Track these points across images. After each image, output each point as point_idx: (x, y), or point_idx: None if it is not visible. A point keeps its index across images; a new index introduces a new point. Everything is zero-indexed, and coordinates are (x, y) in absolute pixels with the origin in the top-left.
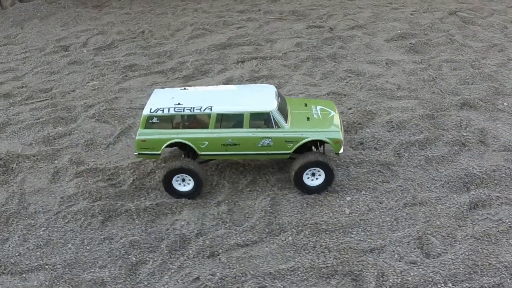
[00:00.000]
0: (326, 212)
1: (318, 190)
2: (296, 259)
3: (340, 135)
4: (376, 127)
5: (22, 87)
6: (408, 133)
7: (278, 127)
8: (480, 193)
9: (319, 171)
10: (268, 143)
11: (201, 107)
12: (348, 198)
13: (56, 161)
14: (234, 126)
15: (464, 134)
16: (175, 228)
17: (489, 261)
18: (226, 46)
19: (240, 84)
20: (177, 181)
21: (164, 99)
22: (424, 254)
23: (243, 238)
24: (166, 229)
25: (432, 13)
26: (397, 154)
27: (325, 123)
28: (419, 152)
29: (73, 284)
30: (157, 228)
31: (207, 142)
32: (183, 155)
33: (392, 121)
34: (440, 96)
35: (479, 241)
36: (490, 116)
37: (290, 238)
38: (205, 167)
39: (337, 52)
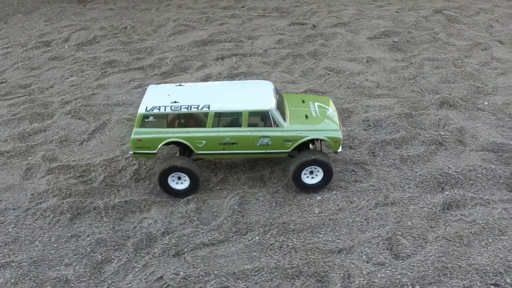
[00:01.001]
0: (295, 211)
1: (316, 188)
2: (261, 259)
3: (339, 134)
4: (352, 125)
5: (2, 82)
6: (385, 131)
7: (277, 126)
8: (455, 193)
9: (317, 169)
10: (266, 142)
11: (198, 106)
12: (319, 198)
13: (29, 158)
14: (232, 125)
15: (442, 133)
16: (142, 227)
17: (460, 264)
18: (207, 42)
19: (218, 80)
20: (172, 179)
21: (159, 97)
22: (393, 256)
23: (210, 237)
24: (134, 227)
25: (417, 11)
26: (372, 153)
27: (324, 121)
28: (395, 151)
29: (38, 282)
30: (125, 226)
31: (204, 141)
32: (178, 153)
33: (368, 120)
34: (419, 94)
35: (451, 242)
36: (470, 115)
37: (257, 237)
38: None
39: (318, 49)
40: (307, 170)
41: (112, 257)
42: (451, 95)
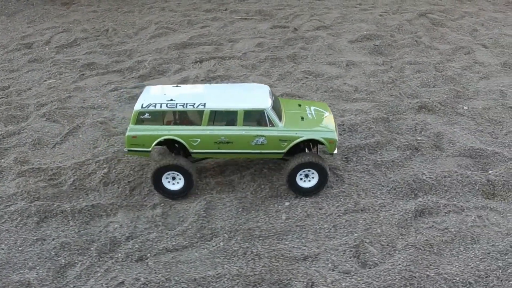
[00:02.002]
0: (262, 217)
1: (311, 191)
2: (225, 265)
3: (335, 135)
4: None
5: None
6: (359, 136)
7: (272, 125)
8: (428, 200)
9: (312, 172)
10: (261, 142)
11: (194, 104)
12: (287, 203)
13: (2, 160)
14: (228, 124)
15: (419, 138)
16: (108, 231)
17: (428, 273)
18: (187, 45)
19: (195, 83)
20: (167, 179)
21: (156, 95)
22: (359, 264)
23: (173, 243)
24: (99, 231)
25: (402, 15)
26: (345, 158)
27: (320, 123)
28: (368, 156)
29: (0, 285)
30: (90, 230)
31: (199, 140)
32: (173, 154)
33: (343, 124)
34: (398, 98)
35: (420, 251)
36: (449, 120)
37: (221, 243)
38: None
39: (298, 52)
40: (302, 173)
41: (76, 261)
42: (430, 99)
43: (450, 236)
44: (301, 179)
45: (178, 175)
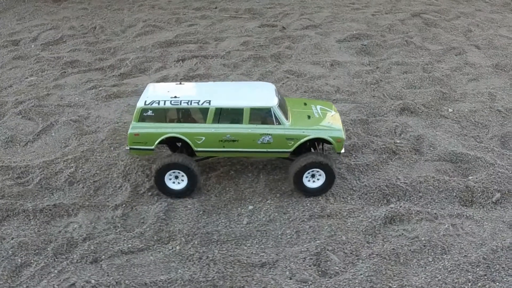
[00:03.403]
0: (223, 221)
1: (318, 192)
2: (178, 270)
3: (343, 134)
4: None
5: None
6: None
7: (279, 123)
8: (400, 206)
9: (319, 172)
10: (268, 140)
11: (199, 101)
12: (251, 207)
13: None
14: (233, 122)
15: (398, 141)
16: (67, 231)
17: (390, 284)
18: (172, 43)
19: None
20: (170, 178)
21: (159, 92)
22: (319, 273)
23: (129, 245)
24: (58, 231)
25: (395, 14)
26: None
27: (327, 121)
28: (342, 159)
29: None
30: (50, 230)
31: (204, 138)
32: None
33: None
34: (380, 100)
35: (385, 260)
36: (431, 123)
37: (177, 247)
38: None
39: (283, 52)
40: (308, 173)
41: (32, 261)
42: (414, 101)
43: (419, 246)
44: (307, 179)
45: (181, 174)
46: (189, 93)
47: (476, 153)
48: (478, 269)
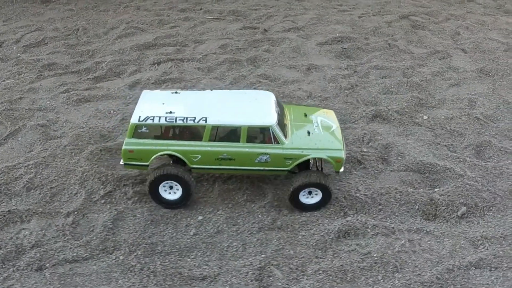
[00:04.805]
0: (170, 231)
1: (313, 208)
2: (119, 281)
3: (342, 154)
4: None
5: None
6: None
7: (277, 142)
8: (356, 220)
9: (316, 190)
10: (265, 160)
11: (195, 118)
12: (200, 218)
13: None
14: (230, 140)
15: (364, 150)
16: (18, 237)
17: None
18: (150, 46)
19: (146, 86)
20: (164, 188)
21: (154, 105)
22: None
23: (74, 254)
24: (9, 238)
25: (382, 16)
26: None
27: (327, 139)
28: None
29: None
30: (1, 236)
31: (200, 156)
32: (172, 162)
33: None
34: (352, 106)
35: (331, 277)
36: (403, 130)
37: (121, 257)
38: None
39: (260, 55)
40: (305, 190)
41: None
42: (388, 107)
43: (370, 262)
44: (304, 196)
45: (175, 184)
46: (185, 106)
47: (446, 163)
48: None
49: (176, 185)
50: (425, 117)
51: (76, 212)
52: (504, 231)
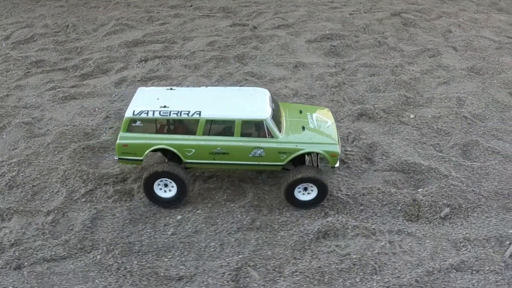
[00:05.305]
0: (148, 230)
1: (310, 205)
2: (96, 280)
3: (337, 148)
4: None
5: None
6: None
7: (272, 137)
8: (337, 220)
9: (311, 186)
10: (260, 154)
11: (189, 112)
12: (179, 217)
13: None
14: (224, 134)
15: (348, 149)
16: None
17: None
18: (138, 43)
19: (132, 84)
20: (159, 186)
21: (148, 100)
22: None
23: (52, 253)
24: None
25: (373, 14)
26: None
27: (321, 134)
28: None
29: None
30: None
31: (194, 150)
32: (166, 160)
33: None
34: (339, 104)
35: (308, 279)
36: (389, 129)
37: (98, 256)
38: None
39: (248, 52)
40: (300, 186)
41: None
42: (375, 106)
43: (349, 264)
44: (300, 192)
45: (170, 182)
46: (179, 101)
47: (431, 163)
48: None
49: (171, 182)
50: (412, 116)
51: (56, 211)
52: (488, 233)
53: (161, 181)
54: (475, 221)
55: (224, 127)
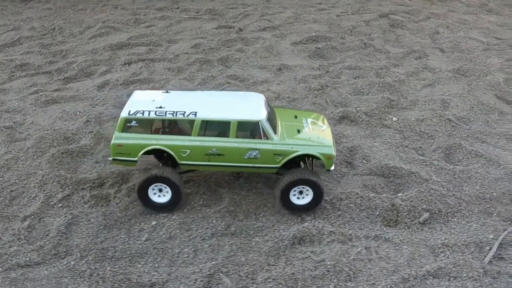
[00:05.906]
0: (122, 236)
1: (305, 209)
2: (69, 286)
3: (333, 151)
4: None
5: None
6: None
7: (267, 138)
8: (313, 226)
9: (307, 189)
10: (255, 155)
11: (185, 112)
12: (154, 223)
13: None
14: (219, 135)
15: None
16: None
17: None
18: (123, 46)
19: (114, 87)
20: (153, 191)
21: (144, 102)
22: None
23: (27, 258)
24: None
25: (361, 15)
26: (236, 174)
27: (317, 136)
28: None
29: None
30: None
31: (189, 151)
32: (161, 164)
33: None
34: (321, 107)
35: (281, 286)
36: (371, 133)
37: (72, 262)
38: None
39: (232, 55)
40: (296, 189)
41: None
42: (357, 108)
43: (323, 271)
44: (295, 196)
45: (165, 187)
46: (175, 103)
47: (412, 167)
48: None
49: (165, 187)
50: (394, 118)
51: (32, 216)
52: (467, 239)
53: (155, 186)
54: (455, 226)
55: (220, 128)
